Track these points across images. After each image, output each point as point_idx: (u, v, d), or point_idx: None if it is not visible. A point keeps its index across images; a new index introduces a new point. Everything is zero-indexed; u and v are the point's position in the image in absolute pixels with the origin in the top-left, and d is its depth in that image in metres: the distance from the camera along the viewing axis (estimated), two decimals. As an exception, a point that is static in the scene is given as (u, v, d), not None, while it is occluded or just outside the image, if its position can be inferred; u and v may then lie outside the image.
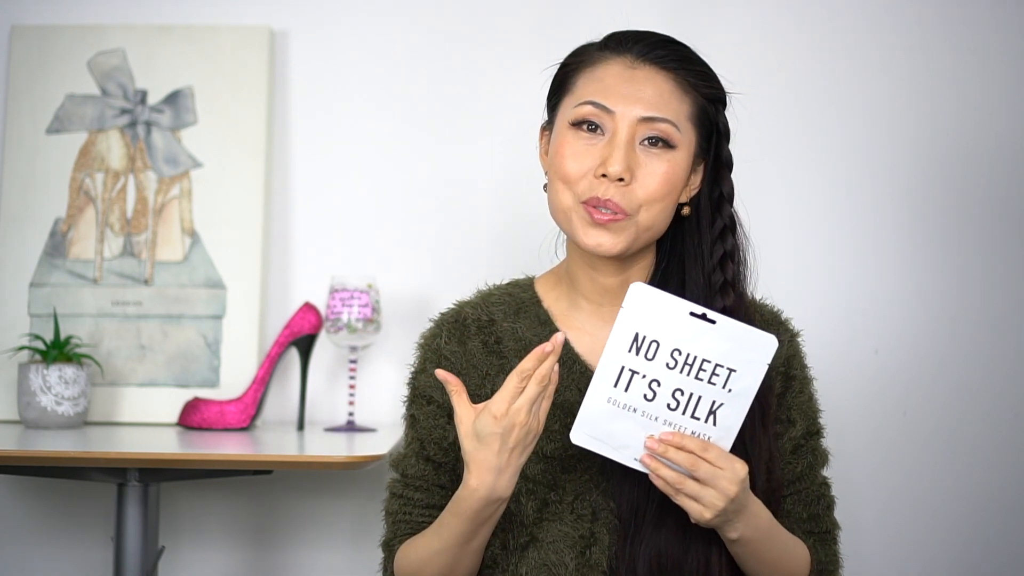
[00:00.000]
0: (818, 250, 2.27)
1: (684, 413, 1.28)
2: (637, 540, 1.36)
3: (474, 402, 1.42)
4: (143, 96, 2.27)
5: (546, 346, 1.26)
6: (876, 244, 2.27)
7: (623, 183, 1.35)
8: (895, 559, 2.24)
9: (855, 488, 2.22)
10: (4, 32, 2.31)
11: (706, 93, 1.40)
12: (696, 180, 1.43)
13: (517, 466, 1.30)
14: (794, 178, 2.28)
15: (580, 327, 1.46)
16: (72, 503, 2.25)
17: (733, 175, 1.45)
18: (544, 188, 1.44)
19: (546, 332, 1.45)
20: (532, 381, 1.26)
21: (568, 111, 1.40)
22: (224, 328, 2.21)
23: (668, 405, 1.28)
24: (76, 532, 2.26)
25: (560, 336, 1.27)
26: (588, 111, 1.38)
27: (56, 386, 2.05)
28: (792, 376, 1.46)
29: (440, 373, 1.31)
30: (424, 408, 1.47)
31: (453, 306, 1.51)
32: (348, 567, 2.25)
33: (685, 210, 1.42)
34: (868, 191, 2.28)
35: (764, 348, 1.28)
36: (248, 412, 2.11)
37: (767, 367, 1.28)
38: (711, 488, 1.27)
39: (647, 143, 1.37)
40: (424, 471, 1.46)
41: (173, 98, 2.27)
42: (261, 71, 2.27)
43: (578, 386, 1.42)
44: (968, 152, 2.27)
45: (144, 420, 2.19)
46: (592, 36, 1.45)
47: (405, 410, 1.50)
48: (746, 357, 1.28)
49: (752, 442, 1.36)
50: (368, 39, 2.32)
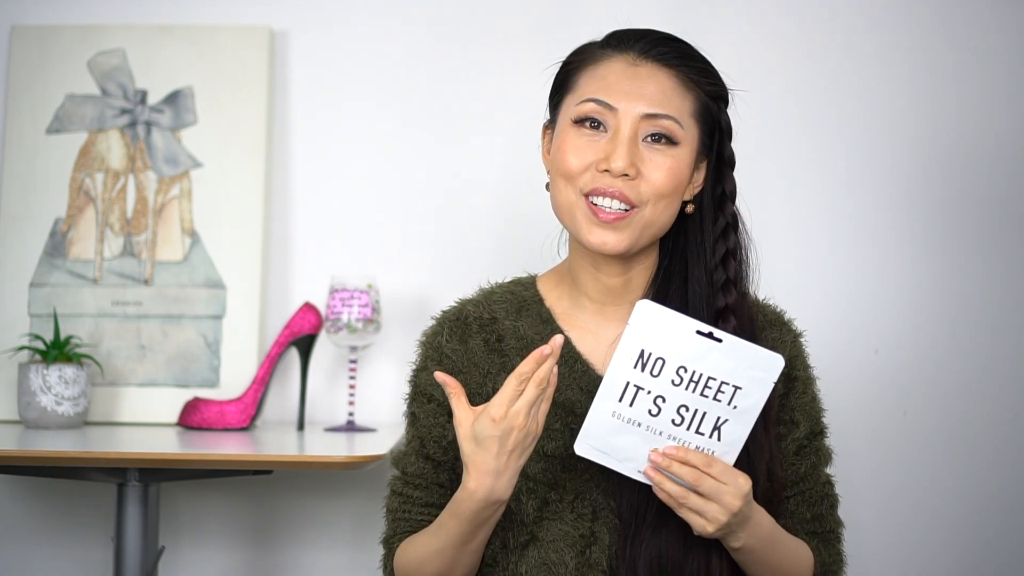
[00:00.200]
0: (818, 250, 2.27)
1: (689, 428, 1.29)
2: (638, 540, 1.36)
3: (475, 400, 1.42)
4: (143, 96, 2.27)
5: (544, 349, 1.26)
6: (876, 244, 2.27)
7: (628, 178, 1.35)
8: (895, 559, 2.24)
9: (855, 488, 2.22)
10: (4, 32, 2.31)
11: (708, 90, 1.40)
12: (699, 178, 1.43)
13: (516, 469, 1.29)
14: (794, 178, 2.28)
15: (583, 326, 1.46)
16: (72, 503, 2.25)
17: (734, 174, 1.45)
18: (547, 187, 1.44)
19: (548, 330, 1.45)
20: (530, 384, 1.26)
21: (570, 109, 1.40)
22: (224, 328, 2.21)
23: (673, 421, 1.28)
24: (76, 532, 2.25)
25: (559, 338, 1.27)
26: (591, 108, 1.37)
27: (56, 386, 2.05)
28: (795, 377, 1.46)
29: (439, 375, 1.31)
30: (425, 406, 1.47)
31: (455, 304, 1.51)
32: (348, 567, 2.24)
33: (689, 208, 1.42)
34: (868, 191, 2.28)
35: (770, 367, 1.28)
36: (248, 412, 2.11)
37: (773, 385, 1.28)
38: (714, 503, 1.27)
39: (650, 140, 1.37)
40: (423, 469, 1.46)
41: (173, 98, 2.27)
42: (261, 71, 2.27)
43: (580, 385, 1.42)
44: (968, 152, 2.27)
45: (144, 420, 2.19)
46: (593, 36, 1.45)
47: (406, 408, 1.50)
48: (752, 375, 1.28)
49: (753, 443, 1.35)
50: (368, 39, 2.32)
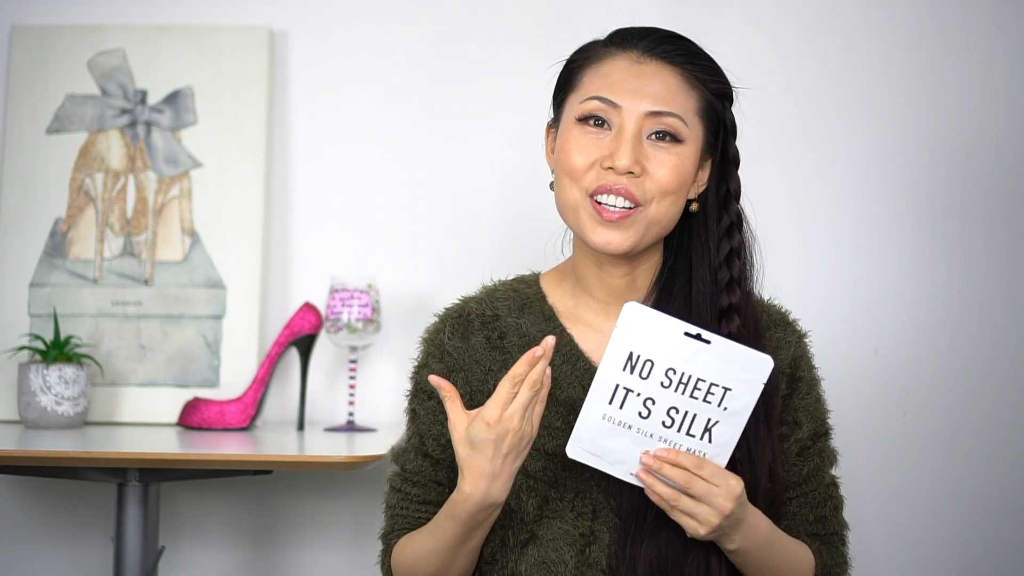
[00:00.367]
0: (818, 250, 2.27)
1: (679, 430, 1.28)
2: (638, 540, 1.35)
3: (477, 396, 1.42)
4: (143, 96, 2.27)
5: (536, 350, 1.26)
6: (877, 244, 2.27)
7: (633, 176, 1.34)
8: (895, 559, 2.24)
9: (855, 488, 2.21)
10: (4, 32, 2.31)
11: (713, 88, 1.40)
12: (704, 177, 1.42)
13: (511, 472, 1.29)
14: (794, 178, 2.28)
15: (586, 324, 1.45)
16: (72, 503, 2.25)
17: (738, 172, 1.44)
18: (551, 187, 1.44)
19: (550, 328, 1.44)
20: (524, 386, 1.26)
21: (574, 107, 1.39)
22: (224, 328, 2.21)
23: (663, 423, 1.28)
24: (76, 532, 2.25)
25: (551, 339, 1.26)
26: (595, 106, 1.37)
27: (56, 386, 2.05)
28: (799, 378, 1.45)
29: (433, 378, 1.30)
30: (425, 403, 1.46)
31: (458, 301, 1.51)
32: (348, 567, 2.24)
33: (693, 206, 1.42)
34: (869, 191, 2.27)
35: (759, 368, 1.27)
36: (248, 412, 2.11)
37: (763, 386, 1.28)
38: (706, 505, 1.27)
39: (655, 137, 1.36)
40: (422, 467, 1.46)
41: (173, 98, 2.27)
42: (261, 71, 2.27)
43: (582, 383, 1.41)
44: (969, 152, 2.26)
45: (144, 420, 2.19)
46: (594, 35, 1.45)
47: (407, 404, 1.50)
48: (741, 376, 1.27)
49: (755, 444, 1.35)
50: (368, 39, 2.32)
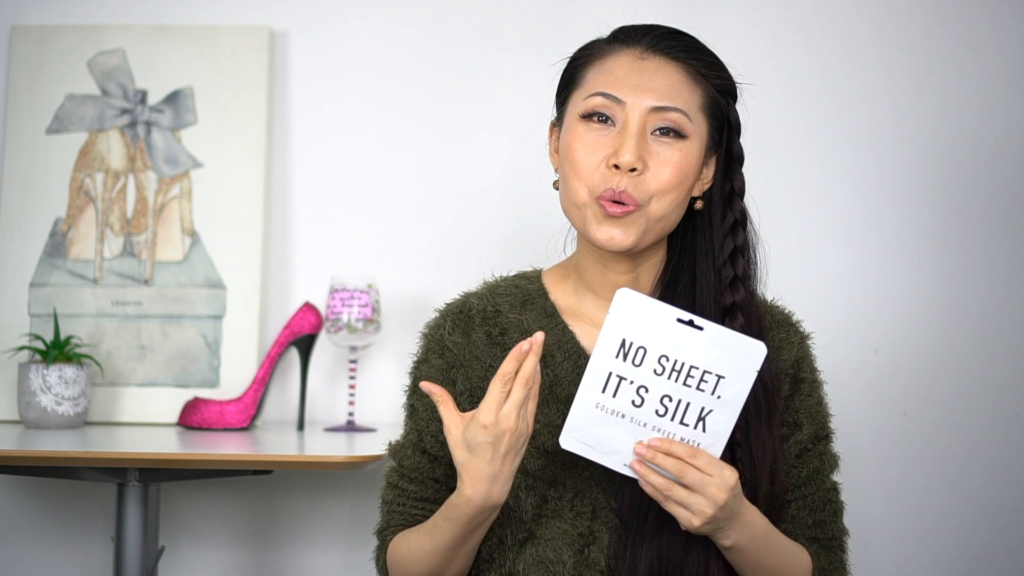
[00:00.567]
0: (818, 250, 2.27)
1: (673, 419, 1.27)
2: (639, 541, 1.35)
3: (477, 393, 1.42)
4: (143, 96, 2.27)
5: (523, 345, 1.25)
6: (877, 244, 2.27)
7: (635, 173, 1.34)
8: (896, 558, 2.24)
9: (855, 488, 2.21)
10: (4, 32, 2.31)
11: (717, 84, 1.39)
12: (709, 174, 1.42)
13: (511, 472, 1.29)
14: (795, 178, 2.28)
15: (588, 322, 1.45)
16: (72, 503, 2.25)
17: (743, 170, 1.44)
18: (554, 185, 1.43)
19: (552, 325, 1.44)
20: (516, 384, 1.25)
21: (578, 104, 1.39)
22: (224, 328, 2.21)
23: (656, 411, 1.27)
24: (76, 532, 2.25)
25: (539, 335, 1.25)
26: (598, 102, 1.37)
27: (56, 386, 2.05)
28: (801, 379, 1.45)
29: (424, 385, 1.29)
30: (424, 399, 1.45)
31: (459, 296, 1.50)
32: (348, 567, 2.24)
33: (698, 204, 1.41)
34: (869, 191, 2.27)
35: (753, 355, 1.27)
36: (248, 412, 2.11)
37: (756, 374, 1.27)
38: (699, 495, 1.26)
39: (658, 133, 1.36)
40: (420, 463, 1.45)
41: (173, 98, 2.27)
42: (261, 71, 2.27)
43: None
44: (970, 153, 2.26)
45: (144, 420, 2.19)
46: (596, 34, 1.45)
47: (406, 399, 1.49)
48: (735, 364, 1.26)
49: (756, 444, 1.35)
50: (368, 39, 2.32)
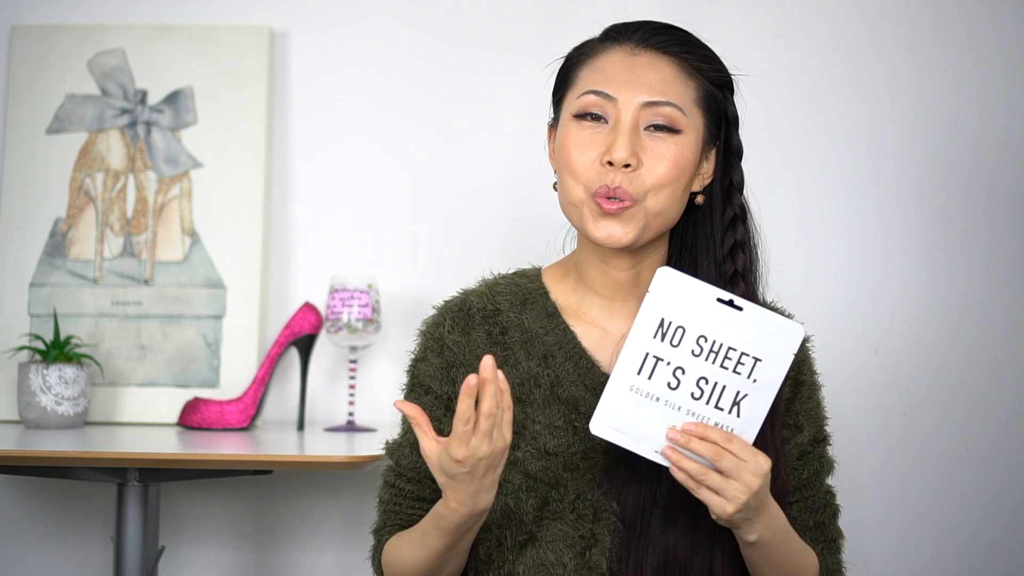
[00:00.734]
0: (818, 249, 2.27)
1: (708, 403, 1.26)
2: (643, 544, 1.34)
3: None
4: (143, 96, 2.27)
5: (470, 379, 1.20)
6: (877, 244, 2.27)
7: (630, 169, 1.33)
8: (895, 558, 2.24)
9: (855, 488, 2.22)
10: (4, 32, 2.31)
11: (712, 77, 1.39)
12: (708, 168, 1.41)
13: (494, 481, 1.26)
14: (795, 178, 2.28)
15: (589, 321, 1.44)
16: (72, 503, 2.25)
17: (742, 164, 1.43)
18: (554, 187, 1.43)
19: (553, 324, 1.43)
20: (481, 418, 1.21)
21: (571, 104, 1.38)
22: (224, 328, 2.21)
23: (692, 394, 1.25)
24: (76, 532, 2.25)
25: (488, 360, 1.21)
26: (590, 100, 1.36)
27: (56, 386, 2.05)
28: (801, 381, 1.44)
29: (400, 404, 1.25)
30: (422, 398, 1.44)
31: (458, 294, 1.49)
32: (348, 567, 2.24)
33: (699, 199, 1.41)
34: (869, 191, 2.27)
35: (791, 337, 1.25)
36: (248, 412, 2.11)
37: (793, 357, 1.25)
38: (734, 480, 1.24)
39: (652, 128, 1.35)
40: (417, 463, 1.43)
41: (173, 98, 2.27)
42: (261, 71, 2.27)
43: (584, 382, 1.40)
44: (970, 153, 2.26)
45: (144, 420, 2.19)
46: (594, 32, 1.45)
47: (403, 397, 1.47)
48: (772, 346, 1.25)
49: (760, 444, 1.33)
50: (368, 39, 2.32)
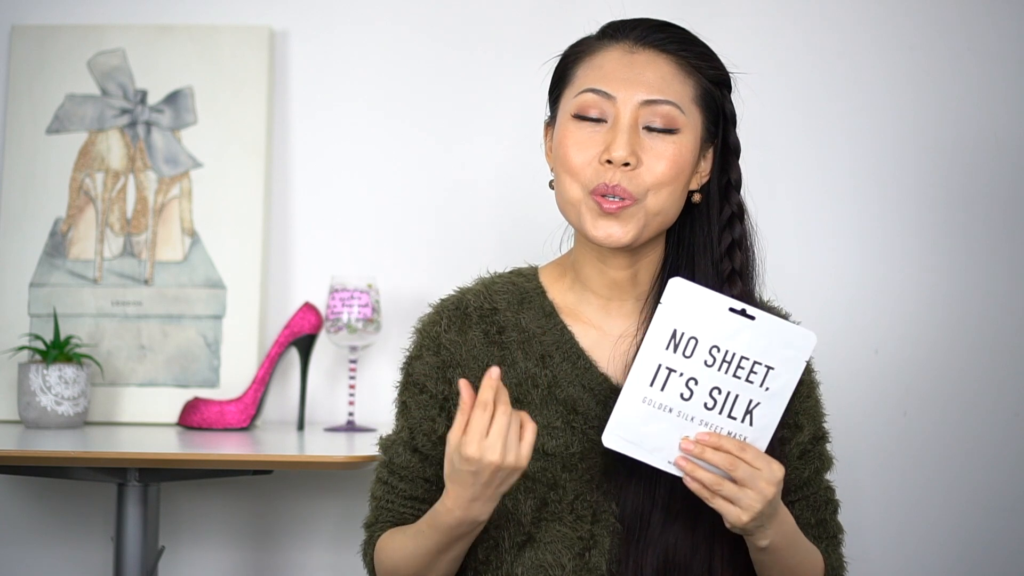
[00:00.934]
0: (818, 249, 2.27)
1: (721, 413, 1.26)
2: (643, 544, 1.34)
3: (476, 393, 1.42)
4: (143, 96, 2.27)
5: (493, 371, 1.21)
6: (877, 244, 2.27)
7: (629, 167, 1.33)
8: (896, 559, 2.24)
9: (855, 488, 2.22)
10: (4, 32, 2.31)
11: (710, 75, 1.38)
12: (706, 167, 1.41)
13: (494, 496, 1.26)
14: (794, 178, 2.28)
15: (586, 321, 1.43)
16: (72, 503, 2.25)
17: (740, 163, 1.43)
18: (550, 185, 1.42)
19: (550, 324, 1.42)
20: (498, 411, 1.21)
21: (569, 102, 1.38)
22: (224, 328, 2.21)
23: (705, 404, 1.26)
24: (76, 532, 2.26)
25: (495, 370, 1.22)
26: (589, 99, 1.36)
27: (56, 386, 2.05)
28: (800, 380, 1.43)
29: (465, 384, 1.24)
30: (417, 397, 1.44)
31: (454, 292, 1.48)
32: (348, 567, 2.24)
33: (696, 197, 1.40)
34: (870, 191, 2.27)
35: (803, 345, 1.26)
36: (248, 412, 2.11)
37: (805, 364, 1.26)
38: (749, 489, 1.24)
39: (651, 127, 1.35)
40: (410, 462, 1.43)
41: (173, 98, 2.27)
42: (261, 71, 2.27)
43: (582, 382, 1.40)
44: (971, 152, 2.26)
45: (144, 420, 2.19)
46: (591, 31, 1.44)
47: (397, 395, 1.47)
48: (784, 354, 1.25)
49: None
50: (368, 39, 2.31)
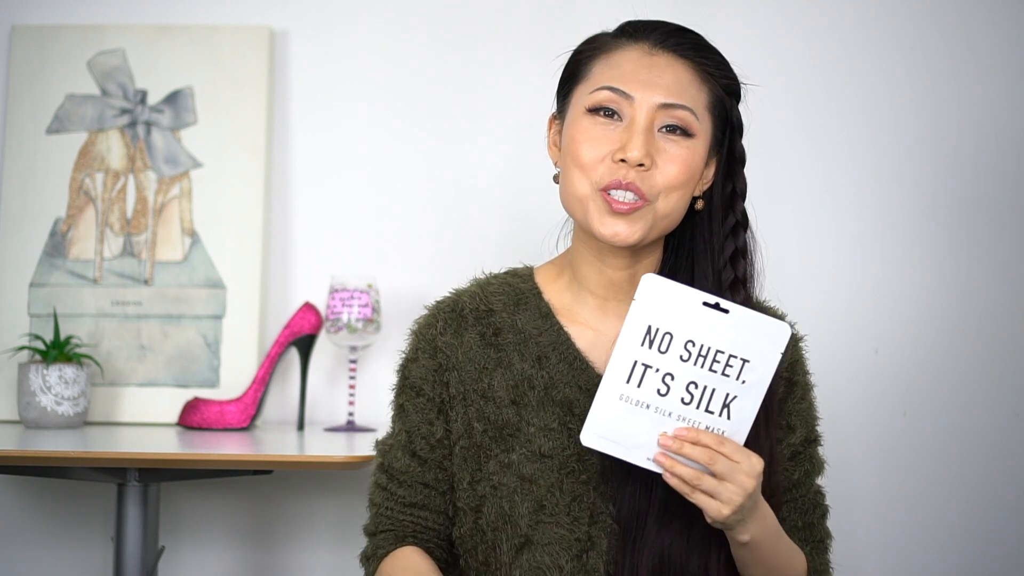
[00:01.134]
0: (818, 250, 2.27)
1: (698, 407, 1.26)
2: (639, 546, 1.34)
3: (471, 396, 1.40)
4: (143, 96, 2.27)
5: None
6: (877, 244, 2.27)
7: (643, 168, 1.32)
8: (896, 559, 2.24)
9: (855, 488, 2.22)
10: (4, 32, 2.31)
11: (723, 84, 1.38)
12: (709, 174, 1.40)
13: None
14: (794, 178, 2.28)
15: (583, 322, 1.43)
16: (72, 503, 2.25)
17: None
18: (554, 179, 1.42)
19: (547, 325, 1.42)
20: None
21: (583, 97, 1.37)
22: (224, 328, 2.21)
23: (682, 399, 1.25)
24: (76, 532, 2.26)
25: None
26: (606, 96, 1.35)
27: (56, 386, 2.05)
28: (795, 382, 1.44)
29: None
30: (414, 400, 1.43)
31: (450, 294, 1.48)
32: (348, 566, 2.24)
33: (699, 204, 1.40)
34: (870, 191, 2.27)
35: (778, 336, 1.26)
36: (248, 412, 2.11)
37: (781, 356, 1.25)
38: (729, 483, 1.24)
39: (665, 130, 1.34)
40: (409, 466, 1.43)
41: (173, 98, 2.27)
42: (261, 71, 2.27)
43: (578, 383, 1.39)
44: (970, 153, 2.26)
45: (144, 420, 2.19)
46: (592, 31, 1.44)
47: (394, 398, 1.47)
48: (759, 347, 1.25)
49: (755, 446, 1.33)
50: (368, 39, 2.31)
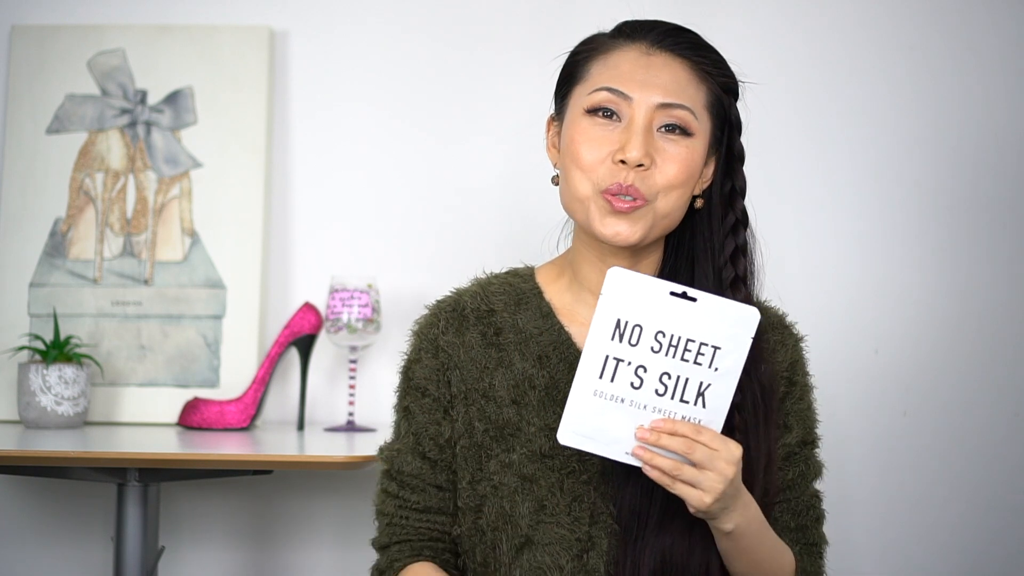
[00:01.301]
0: (818, 250, 2.27)
1: (673, 398, 1.25)
2: (640, 545, 1.33)
3: (472, 396, 1.40)
4: (143, 96, 2.27)
5: None
6: (877, 243, 2.27)
7: (643, 168, 1.32)
8: (895, 558, 2.24)
9: (855, 488, 2.22)
10: (4, 32, 2.31)
11: (721, 82, 1.38)
12: (708, 172, 1.40)
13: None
14: (794, 178, 2.28)
15: (583, 322, 1.42)
16: (72, 503, 2.25)
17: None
18: (553, 180, 1.42)
19: (548, 325, 1.42)
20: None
21: (582, 98, 1.37)
22: (224, 328, 2.21)
23: (656, 391, 1.25)
24: (76, 532, 2.26)
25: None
26: (604, 97, 1.35)
27: (56, 386, 2.05)
28: (794, 382, 1.44)
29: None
30: (420, 401, 1.43)
31: (451, 293, 1.47)
32: (348, 567, 2.25)
33: (698, 203, 1.40)
34: (870, 191, 2.27)
35: (747, 322, 1.25)
36: (248, 412, 2.11)
37: (751, 341, 1.25)
38: (709, 471, 1.24)
39: (664, 130, 1.34)
40: (420, 469, 1.42)
41: (173, 98, 2.27)
42: (261, 71, 2.27)
43: None
44: (970, 153, 2.26)
45: (144, 420, 2.19)
46: (592, 31, 1.43)
47: (398, 400, 1.46)
48: (729, 333, 1.25)
49: (754, 444, 1.34)
50: (368, 39, 2.31)
